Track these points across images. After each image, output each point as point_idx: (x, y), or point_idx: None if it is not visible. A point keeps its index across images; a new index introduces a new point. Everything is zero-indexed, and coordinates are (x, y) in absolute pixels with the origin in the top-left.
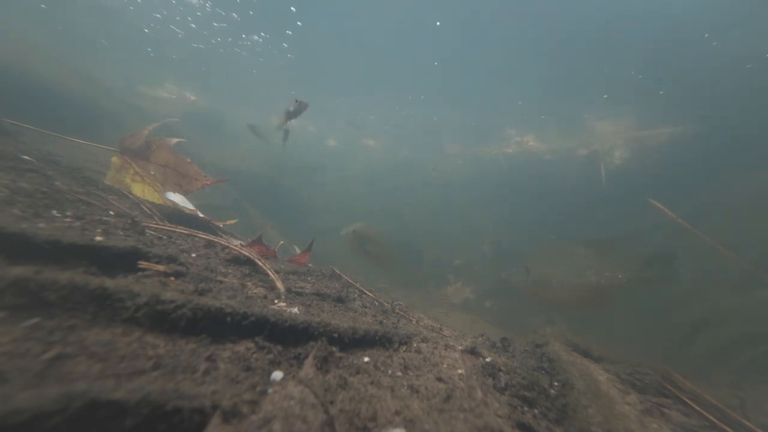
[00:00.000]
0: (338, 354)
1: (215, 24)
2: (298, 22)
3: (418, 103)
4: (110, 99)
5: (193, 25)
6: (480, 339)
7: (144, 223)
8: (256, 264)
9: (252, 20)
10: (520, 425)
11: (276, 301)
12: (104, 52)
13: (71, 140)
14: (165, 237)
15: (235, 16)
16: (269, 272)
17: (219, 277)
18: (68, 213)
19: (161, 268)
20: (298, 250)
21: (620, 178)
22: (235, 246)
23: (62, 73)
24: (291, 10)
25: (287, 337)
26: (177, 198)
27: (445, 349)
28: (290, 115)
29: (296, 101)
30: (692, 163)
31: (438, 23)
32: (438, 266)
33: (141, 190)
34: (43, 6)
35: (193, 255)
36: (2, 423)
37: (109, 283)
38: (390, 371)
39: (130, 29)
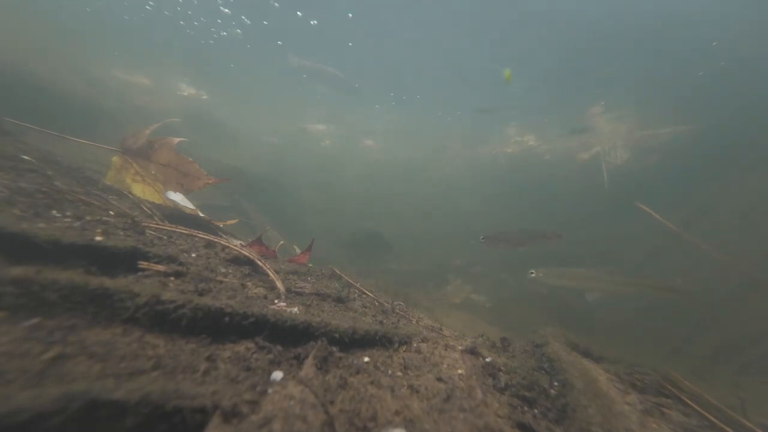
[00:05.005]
0: (338, 354)
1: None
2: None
3: (417, 102)
4: (110, 98)
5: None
6: (480, 339)
7: (144, 223)
8: (256, 264)
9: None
10: (520, 425)
11: (276, 301)
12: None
13: (71, 140)
14: (165, 237)
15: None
16: (269, 272)
17: (219, 277)
18: (68, 213)
19: (161, 268)
20: (298, 250)
21: (620, 178)
22: (235, 246)
23: (61, 72)
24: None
25: (287, 337)
26: (177, 198)
27: (445, 349)
28: (331, 83)
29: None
30: (692, 163)
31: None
32: (437, 266)
33: (141, 190)
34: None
35: (193, 255)
36: (2, 423)
37: (109, 283)
38: (390, 371)
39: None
